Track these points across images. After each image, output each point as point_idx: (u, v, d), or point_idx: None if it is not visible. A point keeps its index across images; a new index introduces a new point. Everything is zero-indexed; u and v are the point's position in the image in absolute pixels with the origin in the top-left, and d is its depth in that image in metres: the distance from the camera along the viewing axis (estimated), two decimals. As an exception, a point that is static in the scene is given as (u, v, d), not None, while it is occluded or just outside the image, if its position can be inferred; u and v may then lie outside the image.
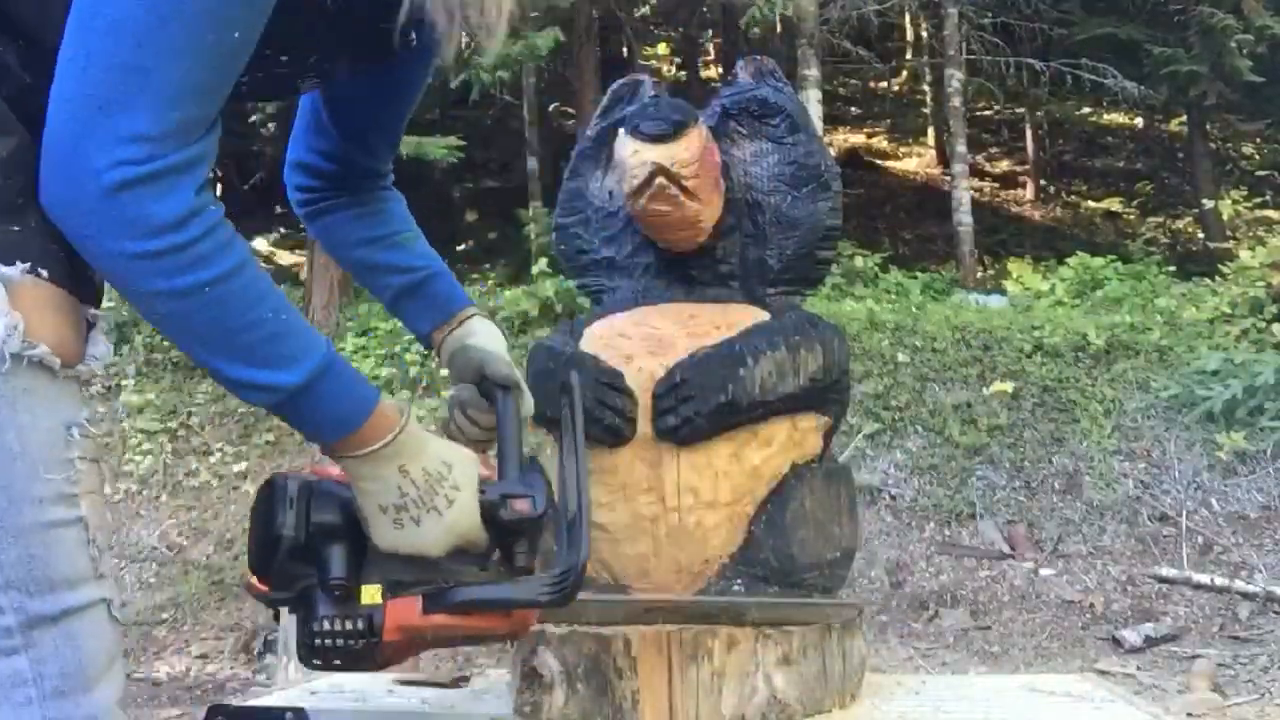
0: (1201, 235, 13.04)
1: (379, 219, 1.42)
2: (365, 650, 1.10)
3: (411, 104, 1.39)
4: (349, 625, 1.09)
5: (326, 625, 1.09)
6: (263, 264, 10.20)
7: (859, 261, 10.30)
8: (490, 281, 11.00)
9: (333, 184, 1.41)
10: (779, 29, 10.69)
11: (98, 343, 1.06)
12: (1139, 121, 17.28)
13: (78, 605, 0.97)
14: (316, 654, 1.10)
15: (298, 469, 1.15)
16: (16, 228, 0.97)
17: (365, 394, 1.05)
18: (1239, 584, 6.37)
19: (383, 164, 1.43)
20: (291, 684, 2.33)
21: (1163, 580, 6.57)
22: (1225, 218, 12.51)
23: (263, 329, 0.99)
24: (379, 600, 1.10)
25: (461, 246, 12.70)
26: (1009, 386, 7.77)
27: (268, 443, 8.11)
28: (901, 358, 7.96)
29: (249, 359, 0.99)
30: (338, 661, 1.10)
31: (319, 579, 1.09)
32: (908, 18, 14.58)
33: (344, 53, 1.18)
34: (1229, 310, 8.60)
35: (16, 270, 0.96)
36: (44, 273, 0.98)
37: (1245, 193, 12.26)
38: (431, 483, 1.08)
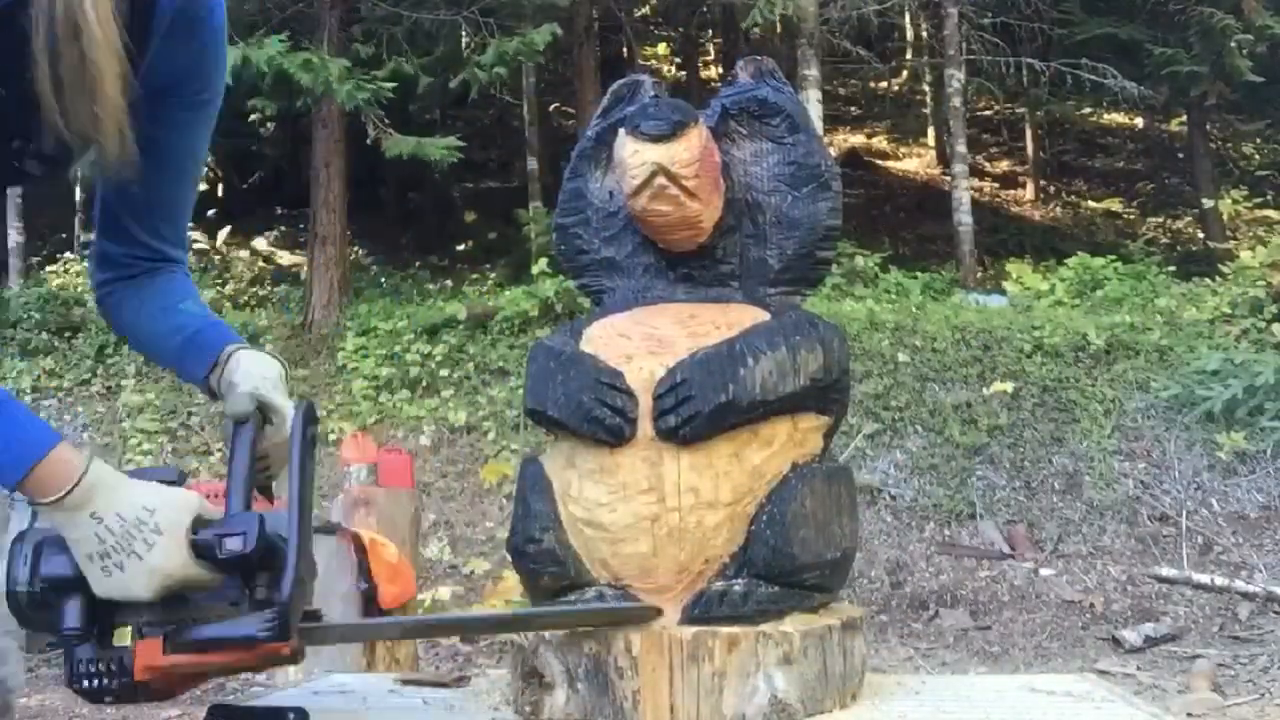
0: (1201, 235, 13.04)
1: (160, 292, 1.48)
2: (124, 689, 1.13)
3: (186, 181, 1.47)
4: (103, 666, 1.12)
5: (84, 667, 1.13)
6: (262, 264, 10.20)
7: (859, 261, 10.31)
8: (490, 281, 11.00)
9: (124, 270, 1.47)
10: (779, 29, 10.69)
11: None
12: (1139, 121, 17.29)
13: None
14: (84, 693, 1.13)
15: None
16: None
17: (40, 438, 1.07)
18: (1239, 584, 6.38)
19: (170, 246, 1.50)
20: (291, 684, 2.33)
21: (1163, 580, 6.57)
22: (1225, 218, 12.51)
23: None
24: (128, 642, 1.13)
25: (461, 246, 12.71)
26: (1009, 386, 7.78)
27: (268, 443, 8.11)
28: (901, 358, 7.96)
29: None
30: (108, 698, 1.13)
31: (56, 630, 1.13)
32: (908, 18, 14.57)
33: (34, 141, 1.22)
34: (1229, 310, 8.60)
35: None
36: None
37: (1245, 193, 12.26)
38: (128, 528, 1.09)
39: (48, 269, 11.08)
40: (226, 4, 1.39)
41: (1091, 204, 16.23)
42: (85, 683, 1.13)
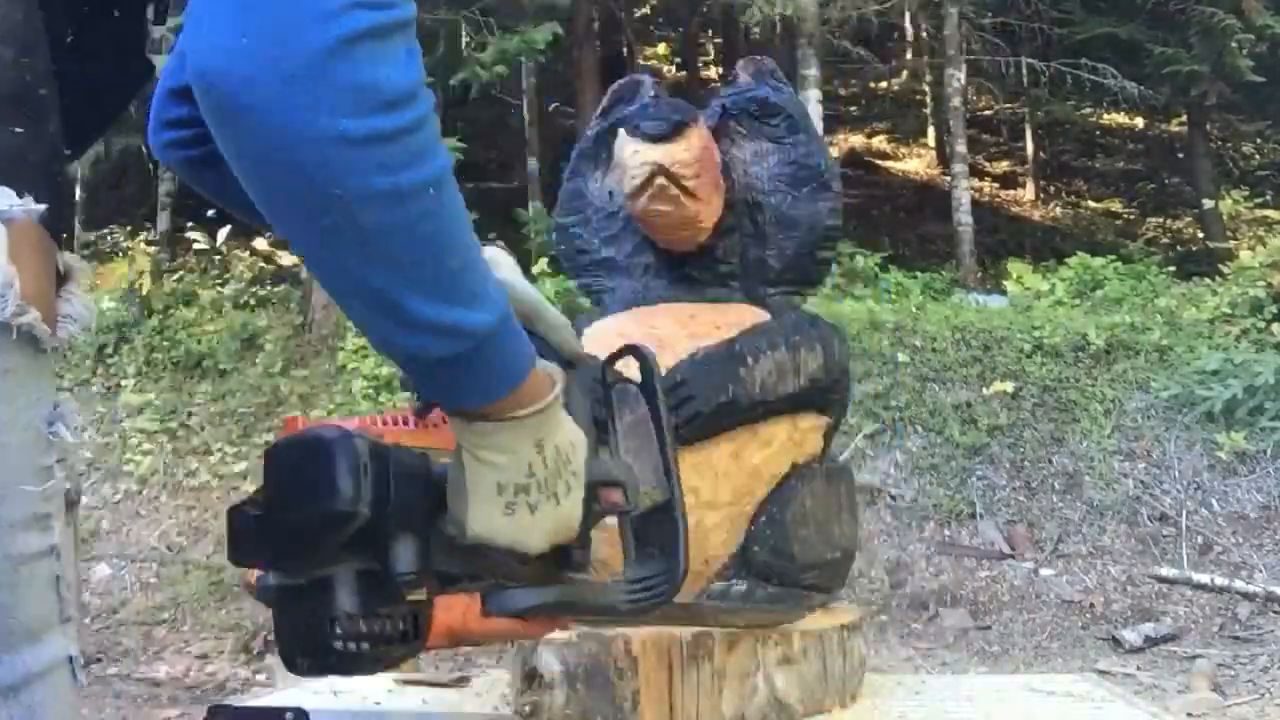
0: (1201, 235, 13.04)
1: None
2: (400, 656, 0.86)
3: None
4: (388, 627, 0.84)
5: (361, 625, 0.82)
6: (263, 264, 10.16)
7: (859, 261, 10.30)
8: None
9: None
10: (779, 29, 10.69)
11: (73, 300, 0.84)
12: (1139, 121, 17.28)
13: (40, 668, 0.77)
14: (332, 657, 0.81)
15: (335, 423, 0.87)
16: (19, 129, 0.75)
17: (528, 350, 0.85)
18: (1239, 584, 6.37)
19: None
20: (291, 684, 2.33)
21: (1163, 580, 6.57)
22: (1225, 218, 12.51)
23: (471, 253, 0.77)
24: (424, 596, 0.87)
25: (461, 246, 12.67)
26: (1009, 386, 7.77)
27: (268, 443, 8.09)
28: (901, 358, 7.96)
29: (451, 292, 0.76)
30: (350, 666, 0.82)
31: (382, 569, 0.83)
32: (908, 18, 14.57)
33: None
34: (1229, 310, 8.60)
35: (12, 201, 0.74)
36: (35, 203, 0.75)
37: (1245, 193, 12.26)
38: (560, 463, 0.87)
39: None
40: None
41: (1091, 204, 16.23)
42: (344, 644, 0.80)
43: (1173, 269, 10.40)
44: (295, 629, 0.83)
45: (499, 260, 1.00)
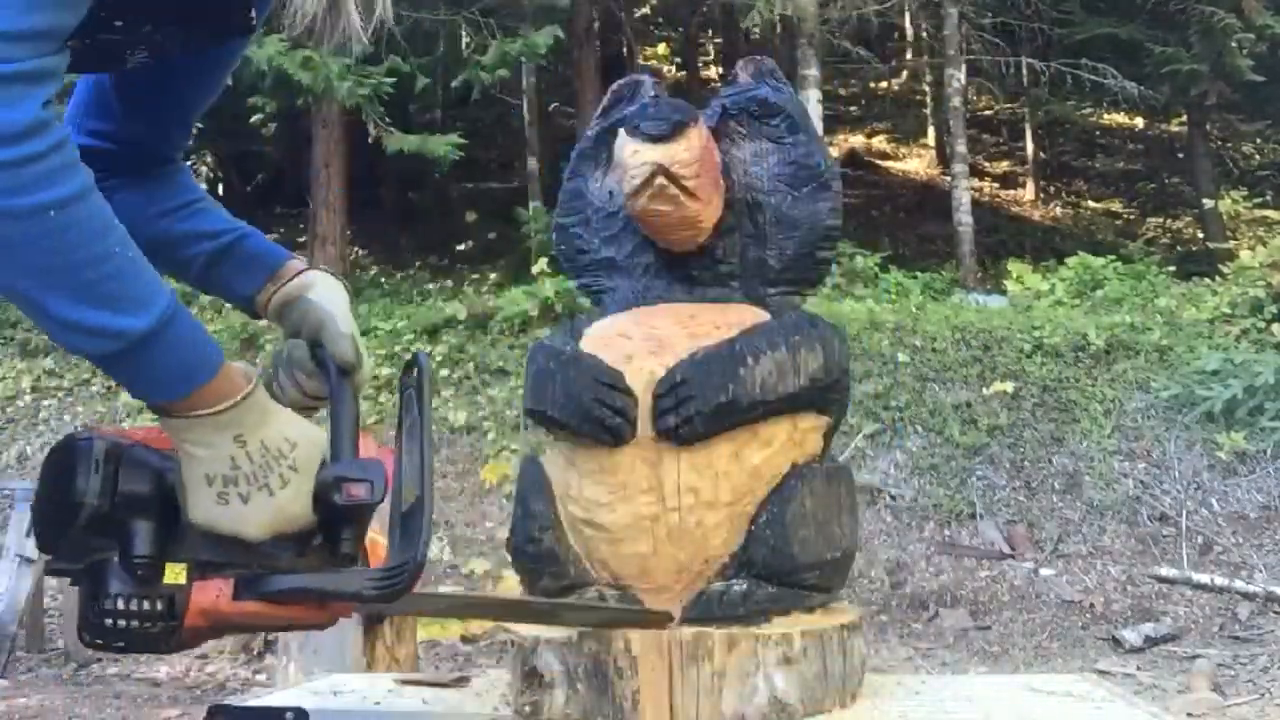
0: (1201, 235, 13.04)
1: (174, 190, 1.27)
2: (161, 634, 0.98)
3: (219, 89, 1.26)
4: (146, 606, 0.97)
5: (120, 604, 0.97)
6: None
7: (859, 261, 10.30)
8: (490, 281, 11.00)
9: (111, 164, 1.20)
10: (779, 29, 10.69)
11: None
12: (1139, 121, 17.28)
13: None
14: (103, 634, 0.98)
15: (93, 428, 1.05)
16: None
17: (212, 350, 0.95)
18: (1239, 584, 6.38)
19: (175, 149, 1.29)
20: (291, 684, 2.33)
21: (1163, 580, 6.57)
22: (1225, 218, 12.51)
23: (109, 264, 0.88)
24: (183, 580, 0.98)
25: (461, 246, 12.71)
26: (1009, 386, 7.78)
27: (268, 443, 8.11)
28: (901, 358, 7.96)
29: (91, 298, 0.87)
30: (123, 644, 0.99)
31: (121, 555, 0.97)
32: (908, 18, 14.57)
33: (180, 25, 1.08)
34: (1229, 310, 8.60)
35: None
36: None
37: (1245, 193, 12.26)
38: (269, 459, 0.97)
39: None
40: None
41: (1091, 204, 16.23)
42: (112, 622, 0.97)
43: (1173, 269, 10.41)
44: (80, 607, 0.99)
45: (313, 282, 1.21)
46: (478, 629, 5.83)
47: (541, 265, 8.98)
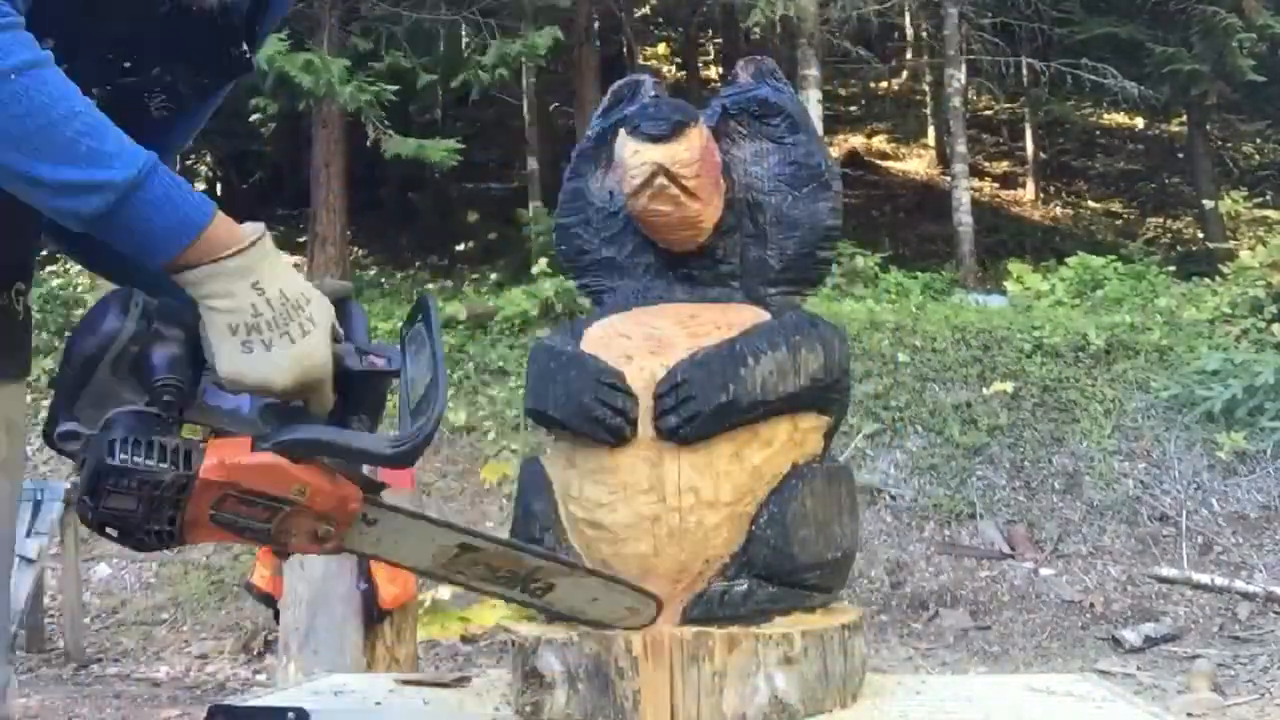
0: (1201, 235, 13.04)
1: None
2: (168, 492, 0.95)
3: (198, 127, 1.34)
4: (162, 457, 0.94)
5: (135, 451, 0.94)
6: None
7: (859, 261, 10.31)
8: (490, 281, 11.00)
9: None
10: (779, 29, 10.69)
11: None
12: (1139, 121, 17.28)
13: None
14: (112, 484, 0.94)
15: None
16: None
17: (202, 200, 0.98)
18: (1239, 584, 6.38)
19: None
20: (292, 684, 2.33)
21: (1163, 580, 6.57)
22: (1225, 218, 12.51)
23: (80, 121, 0.93)
24: (199, 437, 0.99)
25: (461, 246, 12.71)
26: (1009, 386, 7.78)
27: (268, 443, 8.11)
28: (901, 358, 7.96)
29: (72, 155, 0.92)
30: (129, 509, 0.95)
31: (148, 385, 0.97)
32: (908, 18, 14.57)
33: (185, 64, 1.14)
34: (1229, 310, 8.60)
35: None
36: None
37: (1245, 193, 12.25)
38: (288, 307, 0.99)
39: (48, 269, 11.08)
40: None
41: (1091, 204, 16.23)
42: (125, 464, 0.93)
43: (1173, 269, 10.41)
44: (86, 469, 0.96)
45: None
46: (478, 629, 5.83)
47: (541, 265, 8.99)
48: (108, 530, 0.98)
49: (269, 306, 0.98)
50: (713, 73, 17.48)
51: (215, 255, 0.96)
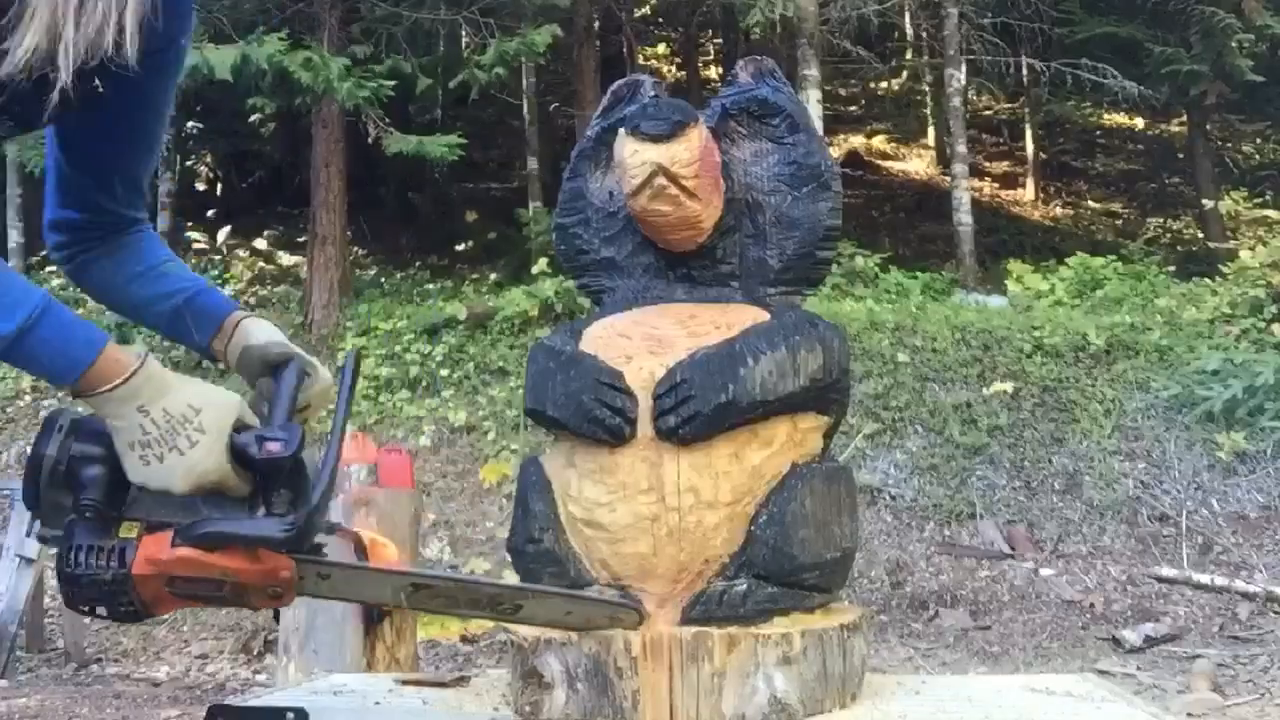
0: (1201, 235, 13.03)
1: (139, 256, 1.47)
2: (115, 583, 1.12)
3: (147, 141, 1.42)
4: (100, 556, 1.12)
5: (80, 556, 1.12)
6: (263, 264, 10.20)
7: (859, 261, 10.30)
8: (490, 281, 11.00)
9: (85, 235, 1.45)
10: (779, 29, 10.68)
11: None
12: (1139, 121, 17.28)
13: None
14: (71, 584, 1.13)
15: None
16: None
17: (90, 338, 1.12)
18: (1239, 584, 6.38)
19: (131, 209, 1.47)
20: (292, 684, 2.33)
21: (1163, 580, 6.57)
22: (1225, 218, 12.50)
23: None
24: (134, 535, 1.14)
25: (461, 246, 12.70)
26: (1009, 386, 7.78)
27: (268, 443, 8.10)
28: (901, 358, 7.96)
29: None
30: (91, 596, 1.13)
31: (74, 504, 1.14)
32: (908, 18, 14.56)
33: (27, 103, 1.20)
34: (1229, 310, 8.60)
35: None
36: None
37: (1245, 193, 12.24)
38: (173, 424, 1.13)
39: (47, 269, 11.08)
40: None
41: (1091, 204, 16.23)
42: (73, 570, 1.12)
43: (1173, 269, 10.40)
44: (56, 570, 1.15)
45: (249, 331, 1.41)
46: (478, 629, 5.83)
47: (541, 265, 8.99)
48: (96, 612, 1.16)
49: (154, 425, 1.13)
50: (713, 73, 17.47)
51: (100, 387, 1.12)
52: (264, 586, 1.16)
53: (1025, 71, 13.51)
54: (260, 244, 12.34)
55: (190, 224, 12.09)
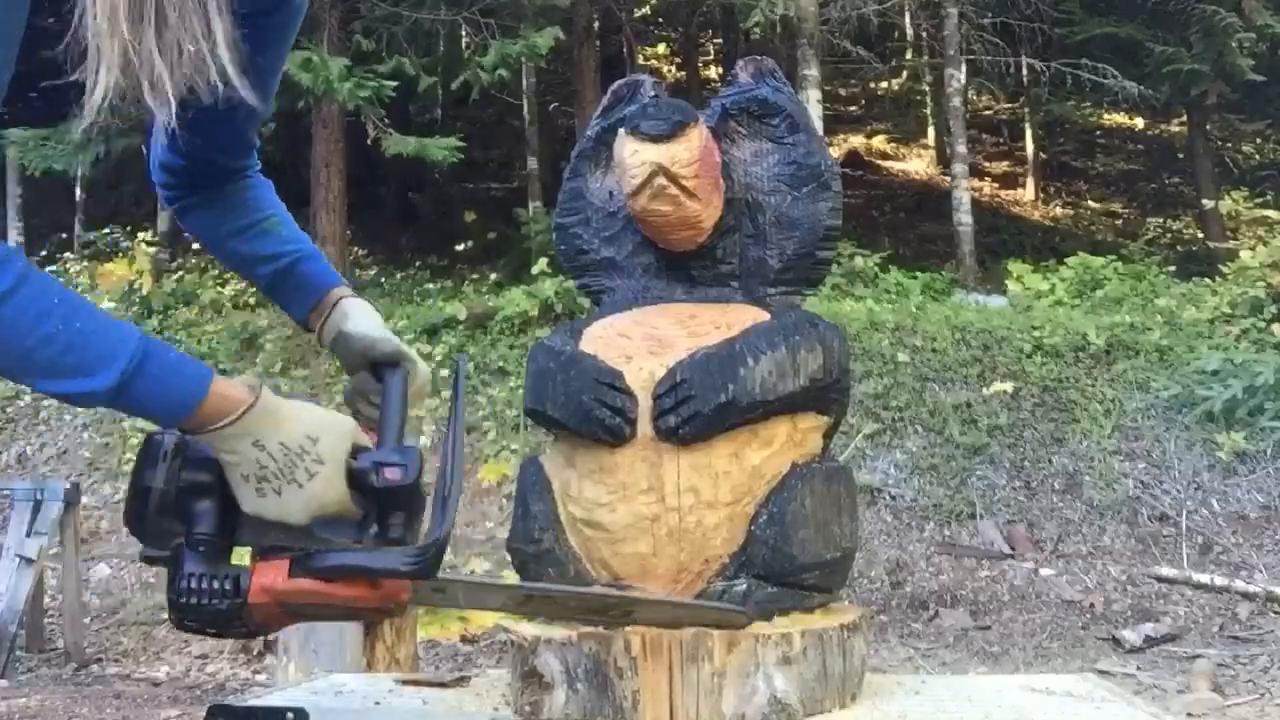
0: (1201, 235, 13.03)
1: (242, 209, 1.41)
2: (230, 612, 1.10)
3: (259, 102, 1.26)
4: (215, 585, 1.09)
5: (193, 584, 1.09)
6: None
7: (859, 261, 10.30)
8: (490, 281, 11.00)
9: (191, 181, 1.39)
10: (779, 29, 10.69)
11: None
12: (1139, 121, 17.28)
13: None
14: (183, 612, 1.10)
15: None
16: None
17: (195, 375, 1.07)
18: (1239, 584, 6.38)
19: (239, 159, 1.41)
20: (292, 684, 2.33)
21: (1163, 580, 6.57)
22: (1225, 218, 12.50)
23: (55, 344, 1.01)
24: (247, 563, 1.11)
25: (461, 246, 12.70)
26: (1009, 386, 7.77)
27: (268, 443, 8.10)
28: (901, 358, 7.95)
29: (54, 373, 1.02)
30: (203, 622, 1.11)
31: (186, 535, 1.10)
32: (908, 18, 14.56)
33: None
34: (1229, 310, 8.60)
35: None
36: None
37: (1245, 193, 12.24)
38: (291, 457, 1.09)
39: (48, 269, 11.08)
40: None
41: (1091, 204, 16.23)
42: (186, 600, 1.09)
43: (1173, 269, 10.40)
44: (167, 590, 1.11)
45: (347, 312, 1.38)
46: (477, 629, 5.83)
47: (541, 265, 8.98)
48: (207, 632, 1.14)
49: (271, 459, 1.08)
50: (713, 73, 17.47)
51: (212, 426, 1.07)
52: (381, 609, 1.15)
53: (1025, 71, 13.51)
54: (260, 244, 12.32)
55: (190, 224, 12.09)
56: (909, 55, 17.04)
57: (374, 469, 1.11)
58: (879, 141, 17.68)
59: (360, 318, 1.37)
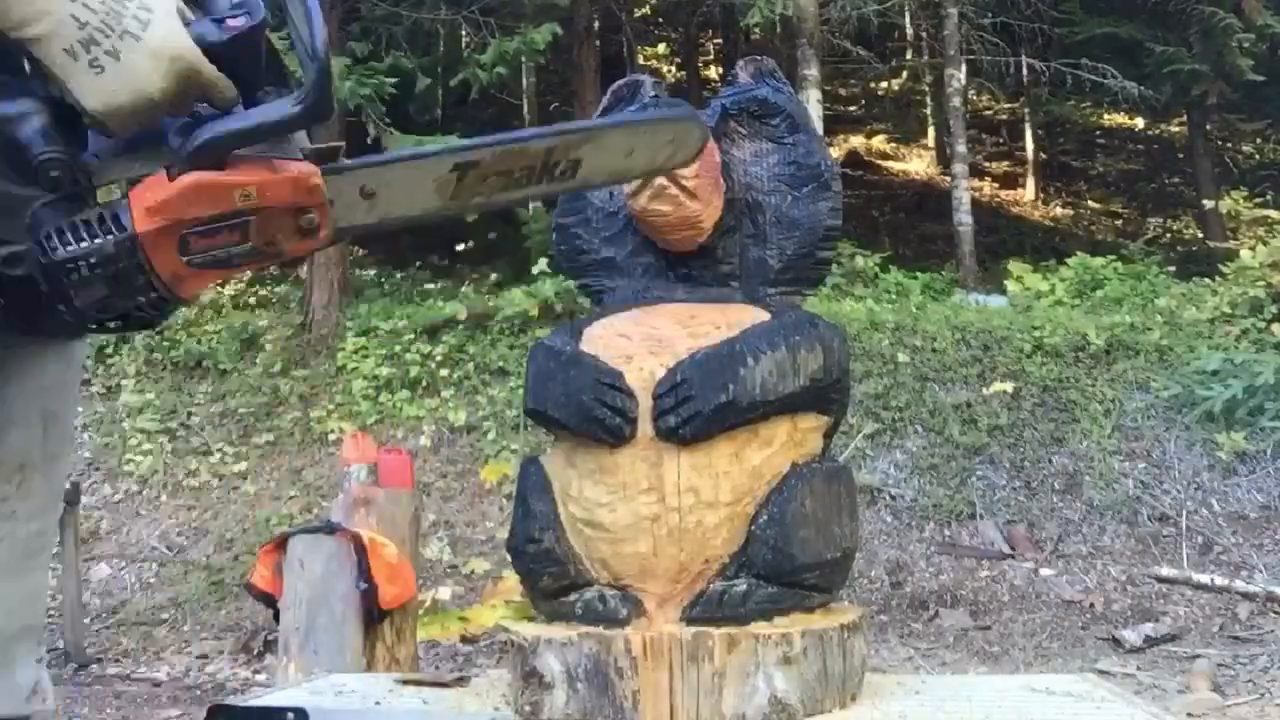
0: (1201, 235, 13.03)
1: None
2: (121, 258, 0.89)
3: None
4: (89, 236, 0.89)
5: (62, 245, 0.88)
6: (263, 264, 10.18)
7: (859, 261, 10.30)
8: (490, 281, 11.00)
9: None
10: (779, 29, 10.68)
11: None
12: (1139, 121, 17.27)
13: None
14: (64, 277, 0.88)
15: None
16: None
17: None
18: (1239, 584, 6.38)
19: None
20: (292, 684, 2.33)
21: (1163, 580, 6.57)
22: (1225, 218, 12.50)
23: None
24: (116, 195, 0.92)
25: (461, 246, 12.70)
26: (1009, 386, 7.77)
27: (268, 443, 8.12)
28: (901, 358, 7.95)
29: None
30: (100, 291, 0.90)
31: (27, 171, 0.88)
32: (908, 18, 14.56)
33: None
34: (1229, 310, 8.60)
35: None
36: None
37: (1245, 193, 12.24)
38: (109, 4, 0.87)
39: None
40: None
41: (1091, 204, 16.23)
42: (70, 268, 0.88)
43: (1173, 269, 10.39)
44: (43, 281, 0.89)
45: None
46: (477, 629, 5.83)
47: (541, 265, 8.98)
48: (107, 325, 0.94)
49: (89, 10, 0.87)
50: (713, 73, 17.47)
51: None
52: (294, 209, 0.93)
53: (1025, 71, 13.51)
54: (260, 244, 12.32)
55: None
56: (909, 55, 17.04)
57: (214, 26, 0.91)
58: (879, 141, 17.68)
59: None
